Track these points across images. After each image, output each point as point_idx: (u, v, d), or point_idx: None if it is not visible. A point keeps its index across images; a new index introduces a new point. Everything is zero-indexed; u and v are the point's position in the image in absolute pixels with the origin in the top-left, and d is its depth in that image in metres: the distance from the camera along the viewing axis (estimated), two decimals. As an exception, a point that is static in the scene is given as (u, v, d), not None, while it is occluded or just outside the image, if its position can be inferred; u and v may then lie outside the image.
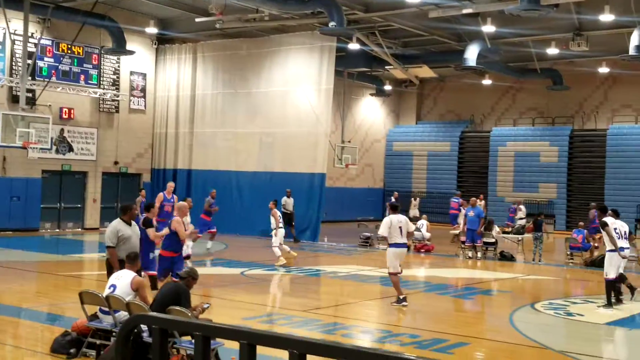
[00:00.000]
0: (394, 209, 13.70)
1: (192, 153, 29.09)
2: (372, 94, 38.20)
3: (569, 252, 21.44)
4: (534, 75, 33.45)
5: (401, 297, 12.96)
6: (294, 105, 26.57)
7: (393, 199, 27.96)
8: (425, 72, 32.86)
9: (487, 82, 35.59)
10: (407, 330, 10.99)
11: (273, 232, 18.88)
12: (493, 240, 22.57)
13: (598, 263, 20.24)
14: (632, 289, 13.79)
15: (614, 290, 13.43)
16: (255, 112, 27.37)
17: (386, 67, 32.54)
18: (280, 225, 18.90)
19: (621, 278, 13.63)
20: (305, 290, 15.91)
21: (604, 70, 31.85)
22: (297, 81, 26.55)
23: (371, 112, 39.25)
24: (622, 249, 13.29)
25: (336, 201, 32.51)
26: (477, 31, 26.53)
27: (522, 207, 28.86)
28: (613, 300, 13.31)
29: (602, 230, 13.53)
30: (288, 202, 24.47)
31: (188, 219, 13.97)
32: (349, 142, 34.66)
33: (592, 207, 21.76)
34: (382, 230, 12.96)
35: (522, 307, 13.56)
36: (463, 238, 22.14)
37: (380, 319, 12.59)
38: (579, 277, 19.14)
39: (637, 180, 32.35)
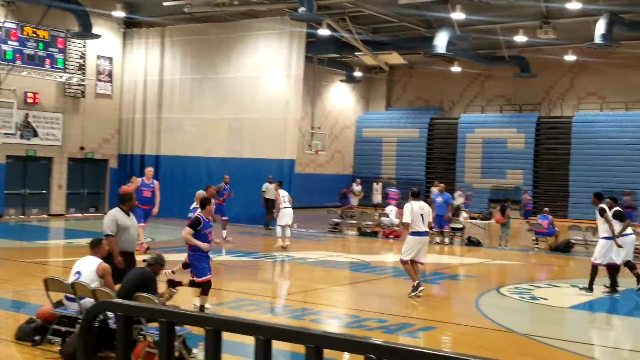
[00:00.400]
0: (415, 196, 12.96)
1: (160, 139, 28.85)
2: (342, 80, 38.21)
3: (534, 238, 21.74)
4: (502, 62, 33.70)
5: (415, 283, 12.49)
6: (263, 91, 26.45)
7: (414, 188, 28.10)
8: (394, 58, 32.94)
9: (456, 69, 35.78)
10: (374, 315, 11.06)
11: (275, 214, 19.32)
12: (460, 225, 22.83)
13: (563, 248, 20.65)
14: (639, 277, 13.52)
15: (611, 278, 13.39)
16: (224, 98, 27.20)
17: (356, 53, 32.55)
18: (285, 205, 19.03)
19: (630, 266, 13.51)
20: (274, 276, 15.93)
21: (570, 58, 32.21)
22: (267, 67, 26.42)
23: (341, 99, 39.27)
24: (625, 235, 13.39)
25: (306, 187, 32.47)
26: (446, 18, 26.62)
27: (460, 192, 29.58)
28: (607, 288, 13.34)
29: (600, 216, 13.43)
30: (269, 188, 23.85)
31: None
32: (319, 128, 34.63)
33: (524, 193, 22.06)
34: (406, 217, 12.44)
35: (488, 291, 13.73)
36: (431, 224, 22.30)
37: (349, 304, 12.67)
38: (544, 261, 19.43)
39: (602, 166, 32.84)
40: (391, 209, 24.41)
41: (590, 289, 13.29)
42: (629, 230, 13.66)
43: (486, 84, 37.72)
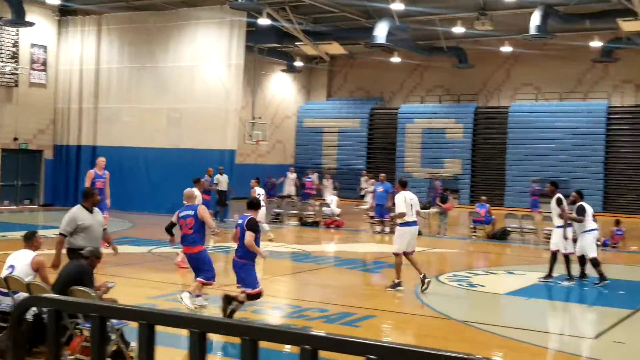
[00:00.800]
0: (404, 186, 12.78)
1: (97, 129, 28.26)
2: (282, 70, 38.11)
3: (472, 226, 22.14)
4: (440, 53, 34.14)
5: (396, 281, 12.32)
6: (203, 80, 26.18)
7: (403, 178, 27.97)
8: (335, 48, 33.01)
9: (396, 59, 36.08)
10: (315, 305, 11.11)
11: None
12: (401, 215, 23.04)
13: (499, 235, 21.11)
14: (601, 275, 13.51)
15: (566, 264, 13.58)
16: (162, 88, 26.81)
17: (297, 43, 32.50)
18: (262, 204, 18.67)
19: (594, 262, 13.47)
20: (217, 267, 15.79)
21: (506, 49, 32.83)
22: (207, 56, 26.15)
23: (282, 88, 39.18)
24: (593, 229, 13.60)
25: (247, 178, 32.23)
26: (386, 9, 26.79)
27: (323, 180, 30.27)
28: (566, 275, 13.55)
29: (557, 206, 13.61)
30: (221, 180, 23.46)
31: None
32: (260, 118, 34.52)
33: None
34: (400, 207, 12.24)
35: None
36: (372, 213, 22.52)
37: (290, 295, 12.69)
38: (481, 249, 19.82)
39: (537, 156, 33.65)
40: (332, 199, 24.52)
41: (550, 275, 13.56)
42: (594, 225, 13.75)
43: (425, 75, 38.15)
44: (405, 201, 12.25)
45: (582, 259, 13.66)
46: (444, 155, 36.13)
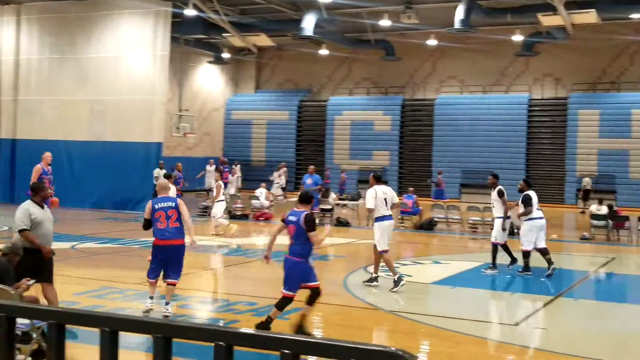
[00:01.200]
0: (378, 180, 12.31)
1: (17, 122, 27.34)
2: (210, 62, 37.71)
3: (400, 217, 22.42)
4: (368, 46, 34.41)
5: (396, 277, 11.80)
6: (127, 72, 25.64)
7: (378, 172, 27.47)
8: (263, 40, 32.85)
9: (324, 51, 36.16)
10: (244, 299, 11.03)
11: (214, 203, 18.33)
12: (330, 207, 23.17)
13: (426, 226, 21.45)
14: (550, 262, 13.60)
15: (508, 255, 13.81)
16: (85, 79, 26.12)
17: (224, 34, 32.19)
18: (221, 198, 18.41)
19: (542, 251, 13.58)
20: (140, 262, 15.46)
21: (432, 42, 33.34)
22: (131, 47, 25.62)
23: (209, 80, 38.77)
24: (537, 218, 13.60)
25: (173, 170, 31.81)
26: (313, 1, 26.82)
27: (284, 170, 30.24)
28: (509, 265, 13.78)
29: (499, 197, 13.77)
30: (161, 173, 22.95)
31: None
32: (187, 110, 34.09)
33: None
34: (369, 203, 11.88)
35: (356, 270, 14.04)
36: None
37: (219, 289, 12.58)
38: (408, 240, 20.09)
39: (462, 147, 34.35)
40: (261, 192, 24.42)
41: (494, 266, 13.74)
42: (540, 213, 13.79)
43: (353, 67, 38.39)
44: (377, 196, 11.86)
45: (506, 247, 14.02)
46: (373, 147, 36.48)
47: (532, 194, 13.71)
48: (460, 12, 26.21)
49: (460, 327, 9.39)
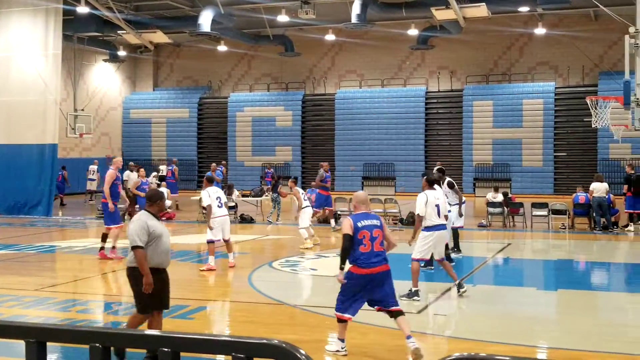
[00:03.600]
0: (431, 184, 11.17)
1: None
2: (105, 60, 36.74)
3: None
4: (267, 41, 34.39)
5: (414, 289, 10.73)
6: (17, 71, 24.66)
7: (434, 174, 26.25)
8: (159, 37, 32.28)
9: (222, 48, 35.90)
10: (147, 301, 10.82)
11: (299, 213, 16.93)
12: (233, 203, 23.03)
13: (326, 220, 21.66)
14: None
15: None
16: (-28, 79, 24.94)
17: (119, 32, 31.42)
18: (306, 204, 17.12)
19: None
20: (38, 268, 14.98)
21: (330, 37, 33.67)
22: (21, 46, 24.67)
23: (106, 79, 37.76)
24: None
25: (71, 173, 30.86)
26: (210, -3, 26.55)
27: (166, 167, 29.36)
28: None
29: (450, 189, 14.18)
30: (132, 176, 22.00)
31: None
32: (83, 110, 33.10)
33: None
34: (420, 209, 10.67)
35: (261, 266, 14.03)
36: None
37: (119, 291, 12.28)
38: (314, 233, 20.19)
39: (363, 140, 34.89)
40: (163, 191, 24.02)
41: (458, 249, 14.50)
42: (456, 200, 14.39)
43: (253, 63, 38.29)
44: (427, 202, 10.79)
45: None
46: (275, 143, 36.53)
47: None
48: (356, 7, 26.58)
49: (365, 318, 9.54)
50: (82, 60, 34.65)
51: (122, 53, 36.43)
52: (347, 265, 7.79)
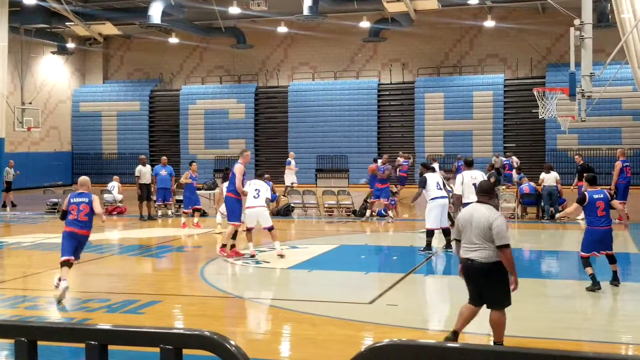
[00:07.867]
0: (469, 165, 12.68)
1: None
2: (53, 52, 36.03)
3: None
4: (219, 34, 34.16)
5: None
6: (-39, 64, 24.00)
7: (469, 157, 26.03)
8: (108, 29, 31.79)
9: (174, 40, 35.54)
10: (96, 296, 10.72)
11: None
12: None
13: (283, 212, 21.69)
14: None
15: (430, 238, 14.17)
16: None
17: (67, 23, 30.85)
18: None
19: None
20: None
21: (283, 29, 33.60)
22: (-36, 37, 23.99)
23: (54, 72, 37.04)
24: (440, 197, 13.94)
25: (19, 167, 30.18)
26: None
27: None
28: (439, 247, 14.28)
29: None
30: (143, 171, 21.54)
31: None
32: (30, 103, 32.44)
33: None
34: (457, 189, 12.06)
35: (213, 260, 13.97)
36: (154, 197, 22.06)
37: (70, 286, 12.09)
38: (266, 226, 20.16)
39: (316, 133, 34.95)
40: (113, 185, 23.73)
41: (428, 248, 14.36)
42: (441, 193, 14.31)
43: (205, 55, 37.99)
44: (464, 182, 12.36)
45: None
46: (228, 136, 36.35)
47: (430, 176, 14.26)
48: (308, 0, 26.56)
49: (317, 309, 9.61)
50: (30, 53, 33.91)
51: (70, 45, 35.78)
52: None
